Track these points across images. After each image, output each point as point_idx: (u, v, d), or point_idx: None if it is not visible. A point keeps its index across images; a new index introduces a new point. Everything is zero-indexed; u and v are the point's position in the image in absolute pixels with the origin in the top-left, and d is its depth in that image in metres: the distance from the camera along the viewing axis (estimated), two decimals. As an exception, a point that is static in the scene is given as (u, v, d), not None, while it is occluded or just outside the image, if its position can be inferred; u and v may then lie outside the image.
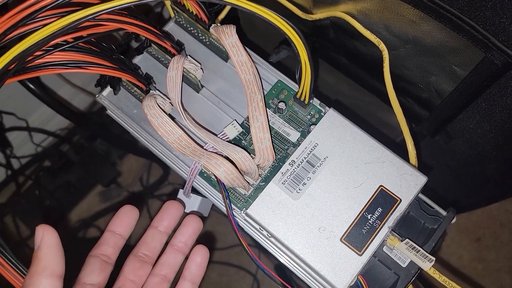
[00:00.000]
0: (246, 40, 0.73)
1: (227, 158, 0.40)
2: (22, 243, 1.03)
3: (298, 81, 0.41)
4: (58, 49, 0.37)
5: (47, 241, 0.34)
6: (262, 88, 0.43)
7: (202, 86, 0.46)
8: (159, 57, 0.46)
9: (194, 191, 0.46)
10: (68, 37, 0.37)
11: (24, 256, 0.36)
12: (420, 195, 0.43)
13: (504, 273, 1.03)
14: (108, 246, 0.38)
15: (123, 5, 0.34)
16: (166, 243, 0.40)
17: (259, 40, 0.72)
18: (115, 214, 0.39)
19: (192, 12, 0.45)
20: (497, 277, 1.02)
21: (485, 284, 1.02)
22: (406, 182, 0.40)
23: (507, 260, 1.03)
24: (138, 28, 0.39)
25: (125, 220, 0.39)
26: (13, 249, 0.37)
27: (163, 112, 0.40)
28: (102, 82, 0.44)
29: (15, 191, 1.06)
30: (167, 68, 0.43)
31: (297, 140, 0.43)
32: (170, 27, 0.48)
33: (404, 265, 0.41)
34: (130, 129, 0.46)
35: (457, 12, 0.41)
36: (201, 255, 0.39)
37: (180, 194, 0.46)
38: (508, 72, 0.43)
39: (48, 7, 0.34)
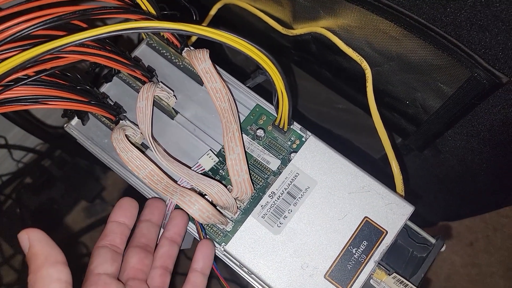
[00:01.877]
0: (227, 59, 0.71)
1: (201, 193, 0.37)
2: (4, 262, 1.00)
3: (275, 108, 0.39)
4: (18, 84, 0.34)
5: (36, 238, 0.32)
6: (239, 115, 0.41)
7: (177, 112, 0.44)
8: (130, 82, 0.44)
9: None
10: (29, 71, 0.35)
11: (7, 275, 0.33)
12: (408, 222, 0.41)
13: (498, 277, 1.01)
14: (116, 235, 0.36)
15: (88, 38, 0.32)
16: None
17: (242, 57, 0.70)
18: (116, 205, 0.38)
19: (163, 35, 0.42)
20: (490, 282, 1.01)
21: (479, 290, 1.00)
22: (393, 212, 0.38)
23: (500, 265, 1.01)
24: (103, 58, 0.37)
25: (128, 209, 0.38)
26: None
27: (132, 146, 0.38)
28: (69, 113, 0.41)
29: (-4, 210, 1.03)
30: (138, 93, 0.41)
31: (278, 168, 0.41)
32: (142, 49, 0.46)
33: (392, 299, 0.39)
34: (102, 159, 0.43)
35: (440, 30, 0.39)
36: (208, 247, 0.38)
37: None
38: (496, 91, 0.41)
39: (6, 40, 0.32)
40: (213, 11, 0.59)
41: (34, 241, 0.32)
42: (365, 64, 0.47)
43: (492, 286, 1.01)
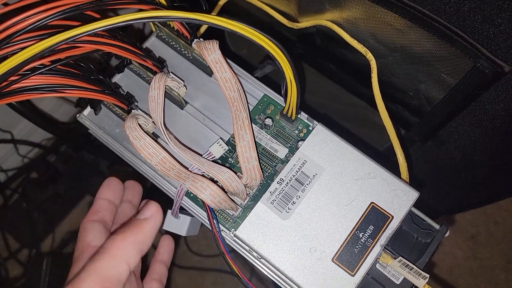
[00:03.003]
0: (231, 53, 0.72)
1: (212, 179, 0.38)
2: (11, 256, 1.01)
3: (284, 97, 0.40)
4: (35, 73, 0.35)
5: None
6: (248, 104, 0.42)
7: (187, 103, 0.45)
8: (141, 74, 0.45)
9: (183, 209, 0.44)
10: (45, 61, 0.36)
11: (13, 269, 0.34)
12: (413, 209, 0.42)
13: (499, 270, 1.02)
14: (107, 212, 0.38)
15: (104, 28, 0.33)
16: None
17: (245, 52, 0.71)
18: (105, 183, 0.41)
19: (173, 27, 0.43)
20: (492, 274, 1.02)
21: (480, 283, 1.01)
22: (398, 198, 0.39)
23: (501, 258, 1.03)
24: (116, 48, 0.38)
25: (116, 190, 0.40)
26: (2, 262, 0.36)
27: (145, 134, 0.39)
28: (82, 102, 0.43)
29: (2, 205, 1.04)
30: (149, 85, 0.42)
31: (285, 156, 0.42)
32: (152, 41, 0.47)
33: (398, 282, 0.40)
34: (113, 149, 0.44)
35: (444, 21, 0.40)
36: (170, 241, 0.44)
37: (168, 215, 0.45)
38: (499, 81, 0.42)
39: (24, 30, 0.33)
40: (220, 2, 0.60)
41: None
42: (370, 56, 0.48)
43: (493, 279, 1.02)
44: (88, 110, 0.45)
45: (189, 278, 1.08)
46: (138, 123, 0.40)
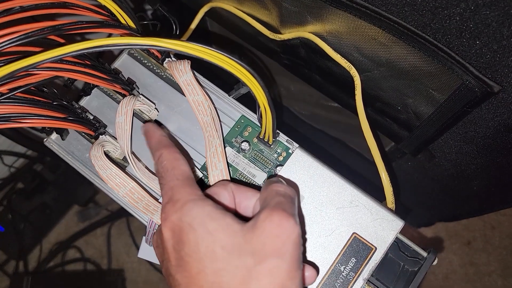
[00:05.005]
0: (212, 65, 0.70)
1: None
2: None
3: (259, 122, 0.37)
4: (-10, 102, 0.33)
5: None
6: (222, 129, 0.40)
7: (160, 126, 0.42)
8: (111, 94, 0.42)
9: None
10: (2, 89, 0.33)
11: (0, 280, 0.32)
12: (399, 235, 0.40)
13: (496, 276, 1.00)
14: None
15: (65, 55, 0.30)
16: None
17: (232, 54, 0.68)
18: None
19: (143, 46, 0.41)
20: (488, 280, 1.00)
21: (477, 289, 1.00)
22: (382, 228, 0.37)
23: (498, 263, 1.01)
24: (80, 74, 0.35)
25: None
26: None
27: (112, 164, 0.36)
28: (47, 128, 0.40)
29: (-13, 216, 1.02)
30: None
31: (264, 182, 0.40)
32: (123, 59, 0.44)
33: (383, 316, 0.38)
34: (84, 174, 0.42)
35: (430, 38, 0.38)
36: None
37: (143, 243, 0.43)
38: (489, 99, 0.39)
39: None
40: (200, 14, 0.58)
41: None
42: (353, 71, 0.45)
43: (490, 285, 1.00)
44: (55, 135, 0.42)
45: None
46: (106, 150, 0.38)
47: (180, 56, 0.41)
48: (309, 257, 0.36)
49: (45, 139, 0.43)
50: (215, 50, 0.31)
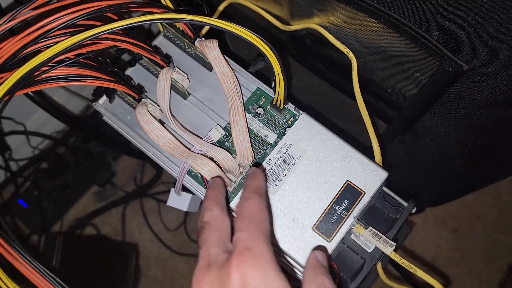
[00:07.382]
0: (229, 51, 0.79)
1: (211, 158, 0.45)
2: (22, 242, 1.07)
3: (273, 89, 0.46)
4: (61, 65, 0.42)
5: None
6: (242, 95, 0.48)
7: (189, 94, 0.51)
8: (150, 68, 0.51)
9: (185, 189, 0.51)
10: (70, 54, 0.42)
11: None
12: (385, 189, 0.48)
13: (479, 261, 1.09)
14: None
15: (122, 27, 0.39)
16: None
17: (245, 53, 0.77)
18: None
19: (178, 28, 0.50)
20: (472, 264, 1.09)
21: (462, 271, 1.08)
22: (370, 177, 0.45)
23: (482, 249, 1.09)
24: (130, 45, 0.44)
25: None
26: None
27: (154, 119, 0.45)
28: (99, 92, 0.49)
29: (13, 192, 1.11)
30: (157, 78, 0.48)
31: (274, 141, 0.49)
32: (159, 40, 0.53)
33: (369, 250, 0.46)
34: (124, 133, 0.51)
35: (414, 26, 0.47)
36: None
37: (172, 192, 0.51)
38: (460, 78, 0.48)
39: (57, 28, 0.39)
40: (221, 7, 0.67)
41: None
42: (351, 55, 0.54)
43: (474, 268, 1.09)
44: (103, 99, 0.51)
45: (188, 265, 1.14)
46: (148, 110, 0.46)
47: (208, 36, 0.50)
48: (311, 199, 0.45)
49: (94, 103, 0.51)
50: (243, 27, 0.40)
